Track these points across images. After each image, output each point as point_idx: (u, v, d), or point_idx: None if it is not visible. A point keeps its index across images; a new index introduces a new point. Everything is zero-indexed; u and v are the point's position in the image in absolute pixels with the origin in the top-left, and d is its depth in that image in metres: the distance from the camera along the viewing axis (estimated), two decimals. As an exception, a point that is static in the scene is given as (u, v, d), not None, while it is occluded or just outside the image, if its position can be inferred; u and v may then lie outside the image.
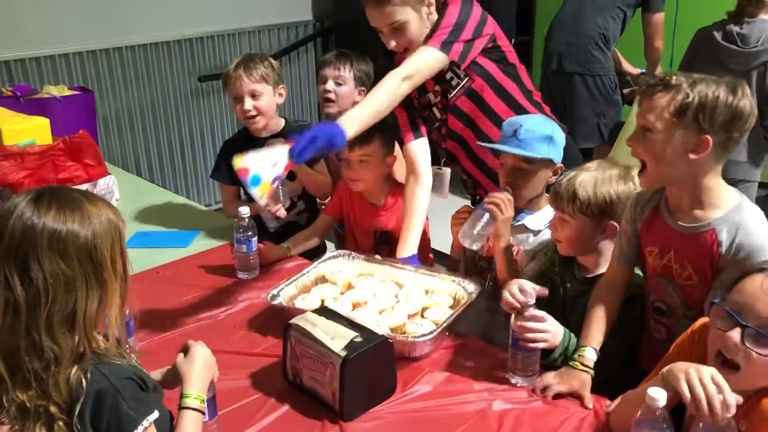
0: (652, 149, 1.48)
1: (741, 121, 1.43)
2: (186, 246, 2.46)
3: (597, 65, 4.00)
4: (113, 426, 1.14)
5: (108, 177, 2.62)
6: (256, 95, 2.38)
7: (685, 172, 1.48)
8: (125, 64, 4.26)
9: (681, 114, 1.43)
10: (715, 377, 1.19)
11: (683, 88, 1.43)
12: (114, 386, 1.14)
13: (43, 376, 1.12)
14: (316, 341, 1.54)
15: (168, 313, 1.99)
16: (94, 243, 1.15)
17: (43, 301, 1.11)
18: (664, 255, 1.58)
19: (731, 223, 1.48)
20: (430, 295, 1.93)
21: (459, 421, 1.52)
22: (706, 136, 1.42)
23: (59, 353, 1.12)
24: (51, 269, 1.11)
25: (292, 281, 1.98)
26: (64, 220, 1.13)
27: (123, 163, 4.28)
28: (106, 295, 1.17)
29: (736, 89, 1.43)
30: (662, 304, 1.64)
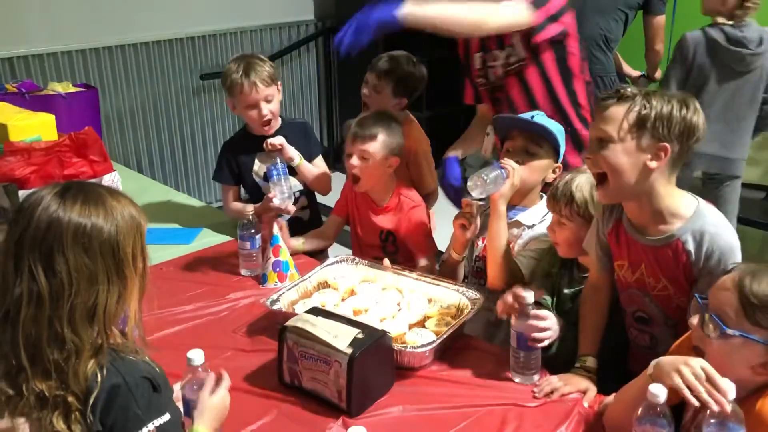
0: (611, 160, 1.49)
1: (694, 135, 1.47)
2: (189, 243, 2.47)
3: (598, 66, 4.02)
4: (119, 423, 1.15)
5: (113, 173, 2.63)
6: (269, 99, 2.41)
7: (643, 183, 1.49)
8: (128, 62, 4.27)
9: (641, 124, 1.45)
10: (705, 367, 1.22)
11: (638, 101, 1.46)
12: (128, 384, 1.16)
13: (64, 366, 1.13)
14: (318, 341, 1.55)
15: (171, 310, 2.00)
16: (117, 239, 1.17)
17: (67, 294, 1.13)
18: (636, 269, 1.60)
19: (695, 231, 1.50)
20: (433, 304, 1.92)
21: (461, 417, 1.53)
22: (666, 144, 1.45)
23: (80, 345, 1.14)
24: (75, 263, 1.13)
25: (294, 286, 1.97)
26: (88, 214, 1.15)
27: (125, 160, 4.30)
28: (126, 290, 1.19)
29: (688, 104, 1.47)
30: (643, 314, 1.65)
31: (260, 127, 2.45)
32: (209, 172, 4.86)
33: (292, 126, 2.55)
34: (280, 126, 2.51)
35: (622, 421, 1.37)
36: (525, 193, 2.01)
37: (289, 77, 5.03)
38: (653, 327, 1.64)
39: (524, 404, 1.57)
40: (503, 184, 1.88)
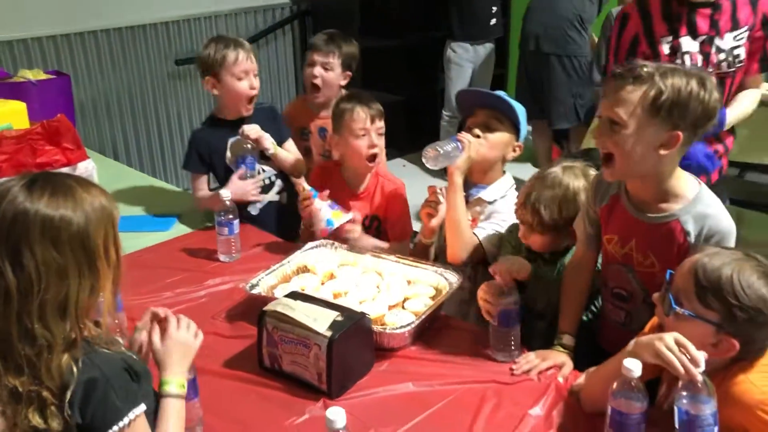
0: (622, 144, 1.47)
1: (709, 116, 1.44)
2: (166, 230, 2.46)
3: (574, 47, 4.04)
4: (98, 415, 1.14)
5: (87, 161, 2.60)
6: (256, 74, 2.44)
7: (651, 167, 1.49)
8: (101, 48, 4.21)
9: (655, 111, 1.42)
10: (678, 338, 1.24)
11: (655, 82, 1.41)
12: (105, 376, 1.15)
13: (36, 362, 1.12)
14: (297, 324, 1.56)
15: (149, 297, 1.99)
16: (87, 230, 1.14)
17: (36, 289, 1.11)
18: (625, 244, 1.62)
19: (696, 214, 1.51)
20: (412, 286, 1.93)
21: (441, 396, 1.55)
22: (678, 132, 1.43)
23: (52, 340, 1.12)
24: (43, 257, 1.11)
25: (272, 271, 1.97)
26: (57, 206, 1.13)
27: (101, 147, 4.24)
28: (99, 282, 1.17)
29: (705, 83, 1.43)
30: (622, 291, 1.67)
31: (246, 103, 2.44)
32: (185, 158, 4.82)
33: (261, 111, 2.54)
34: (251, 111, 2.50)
35: (597, 395, 1.39)
36: (486, 170, 2.04)
37: (265, 61, 4.98)
38: (630, 304, 1.67)
39: (503, 381, 1.59)
40: (459, 156, 1.90)
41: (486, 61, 4.72)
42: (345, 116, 2.24)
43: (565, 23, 4.01)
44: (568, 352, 1.65)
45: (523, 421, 1.46)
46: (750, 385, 1.27)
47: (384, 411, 1.52)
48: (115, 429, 1.15)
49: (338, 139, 2.29)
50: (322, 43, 2.67)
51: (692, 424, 1.21)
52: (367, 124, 2.23)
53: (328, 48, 2.65)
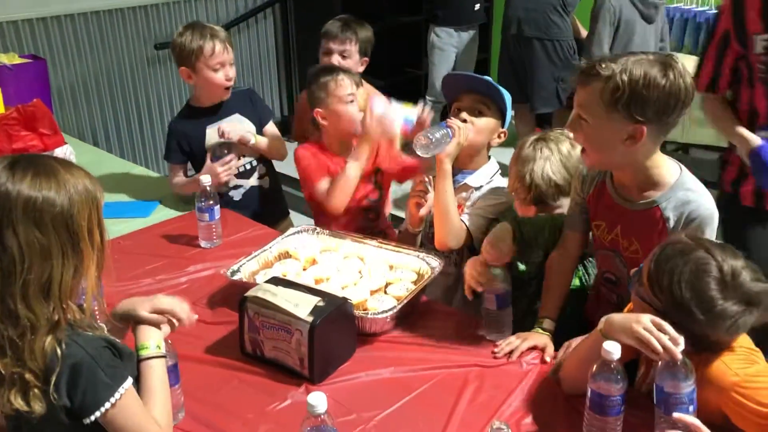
0: (588, 138, 1.50)
1: (678, 103, 1.42)
2: (147, 216, 2.44)
3: (555, 30, 4.05)
4: (89, 394, 1.14)
5: (65, 146, 2.57)
6: (232, 64, 2.41)
7: (624, 157, 1.50)
8: (78, 32, 4.15)
9: (613, 105, 1.42)
10: (655, 320, 1.26)
11: (613, 77, 1.41)
12: (91, 356, 1.14)
13: (19, 343, 1.11)
14: (278, 310, 1.55)
15: (129, 284, 1.98)
16: (70, 212, 1.13)
17: (18, 269, 1.10)
18: (612, 230, 1.63)
19: (676, 199, 1.52)
20: (394, 271, 1.93)
21: (423, 380, 1.56)
22: (641, 125, 1.43)
23: (35, 321, 1.11)
24: (26, 237, 1.10)
25: (254, 256, 1.96)
26: (39, 187, 1.11)
27: (79, 133, 4.19)
28: (82, 264, 1.16)
29: (666, 69, 1.40)
30: (611, 275, 1.70)
31: (223, 92, 2.41)
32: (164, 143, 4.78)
33: (239, 95, 2.52)
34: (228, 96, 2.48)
35: (576, 377, 1.41)
36: (472, 155, 2.03)
37: (246, 45, 4.94)
38: (620, 288, 1.68)
39: (484, 365, 1.60)
40: (449, 143, 1.89)
41: (469, 46, 4.71)
42: (329, 86, 2.22)
43: (547, 7, 4.01)
44: (548, 334, 1.66)
45: (505, 403, 1.47)
46: (724, 368, 1.28)
47: (366, 395, 1.52)
48: (107, 406, 1.16)
49: (324, 112, 2.25)
50: (338, 30, 2.57)
51: (671, 401, 1.22)
52: (354, 88, 2.22)
53: (344, 35, 2.55)
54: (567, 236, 1.77)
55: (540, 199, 1.84)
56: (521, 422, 1.42)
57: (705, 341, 1.30)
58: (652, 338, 1.24)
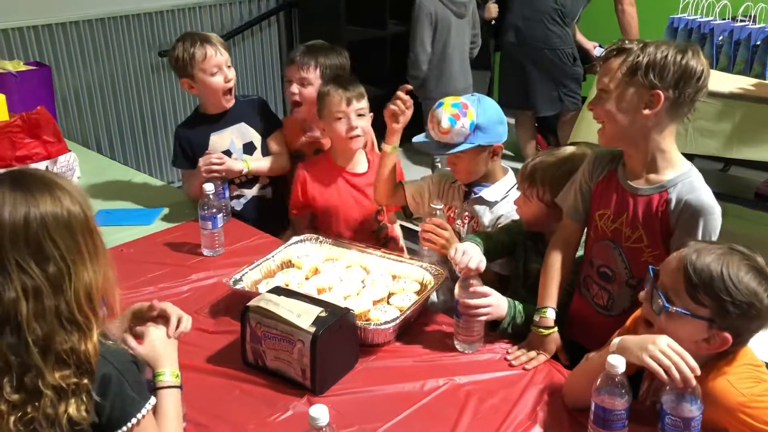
0: (607, 108, 1.56)
1: (693, 80, 1.49)
2: (149, 224, 2.44)
3: (555, 39, 4.08)
4: (117, 409, 1.15)
5: (68, 154, 2.57)
6: (229, 65, 2.41)
7: (639, 129, 1.54)
8: (83, 39, 4.15)
9: (632, 72, 1.50)
10: (672, 345, 1.24)
11: (634, 50, 1.50)
12: (119, 370, 1.16)
13: (80, 349, 1.12)
14: (281, 320, 1.55)
15: (131, 292, 1.96)
16: (87, 217, 1.17)
17: (66, 277, 1.12)
18: (617, 218, 1.63)
19: (682, 185, 1.55)
20: (397, 281, 1.92)
21: (425, 392, 1.55)
22: (658, 91, 1.49)
23: (89, 325, 1.13)
24: (65, 245, 1.12)
25: (257, 266, 1.95)
26: (59, 201, 1.14)
27: (83, 140, 4.19)
28: (108, 268, 1.19)
29: (686, 50, 1.50)
30: (607, 269, 1.68)
31: (223, 96, 2.41)
32: (169, 151, 4.77)
33: (246, 103, 2.52)
34: (235, 104, 2.48)
35: (580, 392, 1.39)
36: (480, 175, 2.06)
37: (250, 53, 4.94)
38: (614, 285, 1.67)
39: (488, 377, 1.59)
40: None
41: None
42: (324, 100, 2.27)
43: (545, 17, 4.04)
44: (552, 329, 1.65)
45: (509, 416, 1.46)
46: (730, 387, 1.27)
47: (368, 407, 1.51)
48: (134, 422, 1.16)
49: (323, 125, 2.32)
50: (298, 56, 2.48)
51: (674, 425, 1.22)
52: (343, 106, 2.23)
53: (303, 61, 2.46)
54: (567, 226, 1.76)
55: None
56: (525, 435, 1.41)
57: (747, 338, 1.31)
58: (671, 363, 1.23)
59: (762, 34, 3.46)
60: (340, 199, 2.36)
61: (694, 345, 1.29)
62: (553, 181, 1.80)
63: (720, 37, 3.64)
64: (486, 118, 2.00)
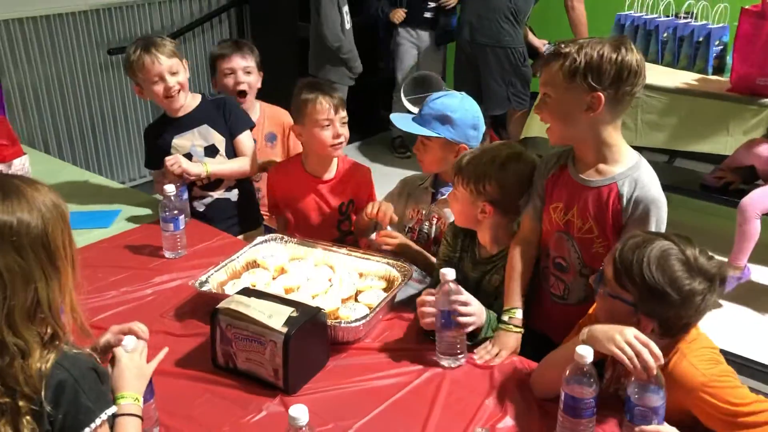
0: (552, 113, 1.62)
1: (630, 75, 1.54)
2: (108, 226, 2.39)
3: (507, 38, 4.15)
4: (70, 417, 1.12)
5: (23, 157, 2.50)
6: (173, 71, 2.33)
7: (585, 129, 1.60)
8: (28, 37, 4.03)
9: (571, 77, 1.55)
10: (638, 335, 1.29)
11: (571, 54, 1.54)
12: (74, 377, 1.13)
13: (9, 371, 1.08)
14: (252, 321, 1.55)
15: (92, 297, 1.94)
16: (45, 231, 1.12)
17: (1, 297, 1.08)
18: (569, 210, 1.69)
19: (630, 179, 1.61)
20: (364, 278, 1.94)
21: (397, 387, 1.57)
22: (598, 93, 1.54)
23: (25, 347, 1.09)
24: (6, 264, 1.08)
25: (222, 267, 1.94)
26: (12, 210, 1.09)
27: (30, 141, 4.08)
28: (64, 281, 1.15)
29: (619, 46, 1.55)
30: (562, 260, 1.74)
31: (168, 103, 2.37)
32: (122, 150, 4.69)
33: (212, 103, 2.48)
34: (199, 104, 2.44)
35: (549, 383, 1.44)
36: (439, 169, 2.13)
37: (202, 50, 4.88)
38: (568, 275, 1.73)
39: (458, 371, 1.62)
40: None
41: (431, 46, 4.81)
42: (308, 106, 2.22)
43: (499, 15, 4.11)
44: (519, 329, 1.69)
45: (480, 408, 1.50)
46: (692, 368, 1.34)
47: (342, 405, 1.52)
48: (87, 431, 1.13)
49: (301, 129, 2.28)
50: (233, 48, 2.73)
51: (639, 413, 1.27)
52: (331, 114, 2.22)
53: (243, 51, 2.72)
54: (526, 226, 1.80)
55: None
56: (496, 426, 1.45)
57: (676, 325, 1.37)
58: (633, 353, 1.28)
59: (704, 30, 3.60)
60: (305, 208, 2.36)
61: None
62: (477, 171, 1.82)
63: (665, 34, 3.77)
64: (461, 115, 2.05)
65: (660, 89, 3.41)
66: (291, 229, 2.37)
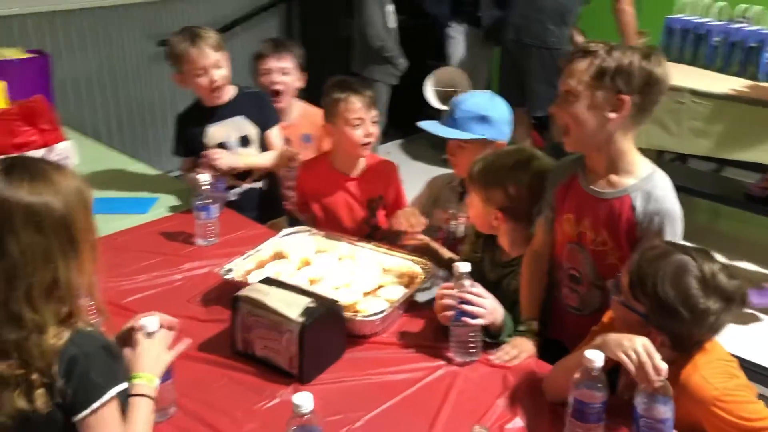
0: (573, 111, 1.56)
1: (657, 86, 1.52)
2: (145, 212, 2.46)
3: (552, 39, 4.09)
4: (80, 393, 1.17)
5: (65, 142, 2.59)
6: (218, 65, 2.39)
7: (603, 134, 1.56)
8: (83, 27, 4.17)
9: (600, 76, 1.51)
10: (646, 345, 1.27)
11: (600, 54, 1.51)
12: (85, 354, 1.17)
13: (24, 345, 1.14)
14: (270, 310, 1.57)
15: (124, 280, 2.01)
16: (67, 214, 1.17)
17: (22, 274, 1.13)
18: (580, 222, 1.66)
19: (644, 191, 1.57)
20: (386, 274, 1.95)
21: (410, 383, 1.58)
22: (625, 96, 1.51)
23: (42, 323, 1.14)
24: (28, 243, 1.13)
25: (249, 256, 1.98)
26: (38, 192, 1.14)
27: (81, 127, 4.20)
28: (84, 263, 1.20)
29: (650, 56, 1.51)
30: (575, 272, 1.72)
31: (210, 95, 2.43)
32: (166, 140, 4.77)
33: (248, 96, 2.54)
34: (236, 96, 2.49)
35: (560, 387, 1.43)
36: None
37: (249, 45, 4.94)
38: (582, 287, 1.71)
39: (470, 370, 1.62)
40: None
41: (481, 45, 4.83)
42: (340, 105, 2.25)
43: (545, 16, 4.05)
44: (536, 338, 1.68)
45: (490, 408, 1.49)
46: (704, 382, 1.31)
47: (354, 397, 1.54)
48: (95, 406, 1.18)
49: (332, 128, 2.30)
50: (271, 48, 2.72)
51: (645, 425, 1.25)
52: (363, 113, 2.24)
53: (281, 52, 2.71)
54: (538, 238, 1.79)
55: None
56: (505, 427, 1.44)
57: (688, 342, 1.34)
58: (636, 362, 1.26)
59: (758, 36, 3.49)
60: (334, 205, 2.38)
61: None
62: (487, 178, 1.82)
63: (716, 39, 3.67)
64: (496, 113, 2.04)
65: (707, 95, 3.31)
66: (320, 225, 2.40)
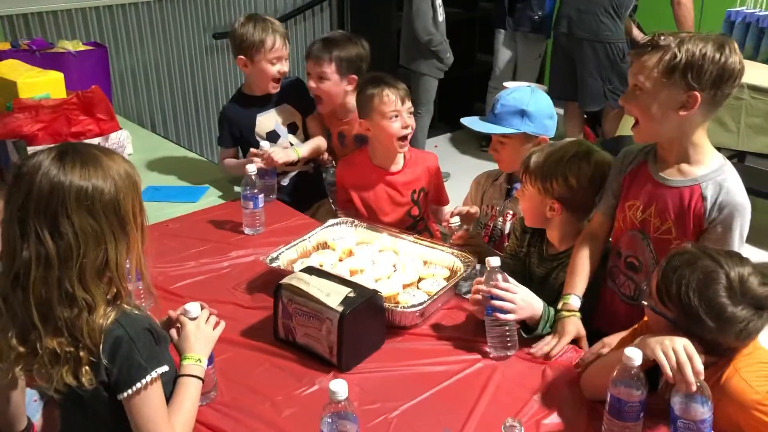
0: (642, 107, 1.55)
1: (731, 78, 1.48)
2: (196, 201, 2.53)
3: (606, 32, 4.02)
4: (124, 372, 1.22)
5: (120, 131, 2.67)
6: (287, 59, 2.49)
7: (674, 128, 1.54)
8: (140, 20, 4.28)
9: (669, 73, 1.48)
10: (687, 347, 1.25)
11: (671, 48, 1.47)
12: (130, 335, 1.22)
13: (76, 323, 1.19)
14: (311, 299, 1.60)
15: (173, 266, 2.07)
16: (117, 197, 1.22)
17: (75, 255, 1.18)
18: (646, 209, 1.64)
19: (715, 183, 1.55)
20: (428, 266, 1.96)
21: (447, 375, 1.59)
22: (695, 92, 1.47)
23: (92, 301, 1.20)
24: (80, 224, 1.18)
25: (293, 245, 2.02)
26: (89, 176, 1.20)
27: (138, 118, 4.33)
28: (132, 245, 1.25)
29: (723, 46, 1.47)
30: (635, 260, 1.69)
31: (273, 84, 2.50)
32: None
33: (289, 84, 2.61)
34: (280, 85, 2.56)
35: (598, 384, 1.41)
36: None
37: (302, 38, 5.01)
38: (640, 275, 1.68)
39: (510, 363, 1.62)
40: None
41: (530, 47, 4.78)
42: (374, 100, 2.26)
43: (599, 9, 3.98)
44: (573, 314, 1.65)
45: (528, 404, 1.49)
46: (745, 385, 1.28)
47: (391, 386, 1.56)
48: (138, 386, 1.22)
49: (369, 124, 2.32)
50: (314, 50, 2.53)
51: (682, 425, 1.23)
52: (398, 105, 2.25)
53: (318, 55, 2.50)
54: (596, 220, 1.78)
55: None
56: (542, 422, 1.44)
57: (718, 348, 1.30)
58: (675, 362, 1.23)
59: (823, 29, 3.36)
60: (376, 199, 2.39)
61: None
62: (545, 169, 1.80)
63: (778, 32, 3.54)
64: (536, 107, 2.03)
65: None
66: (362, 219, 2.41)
